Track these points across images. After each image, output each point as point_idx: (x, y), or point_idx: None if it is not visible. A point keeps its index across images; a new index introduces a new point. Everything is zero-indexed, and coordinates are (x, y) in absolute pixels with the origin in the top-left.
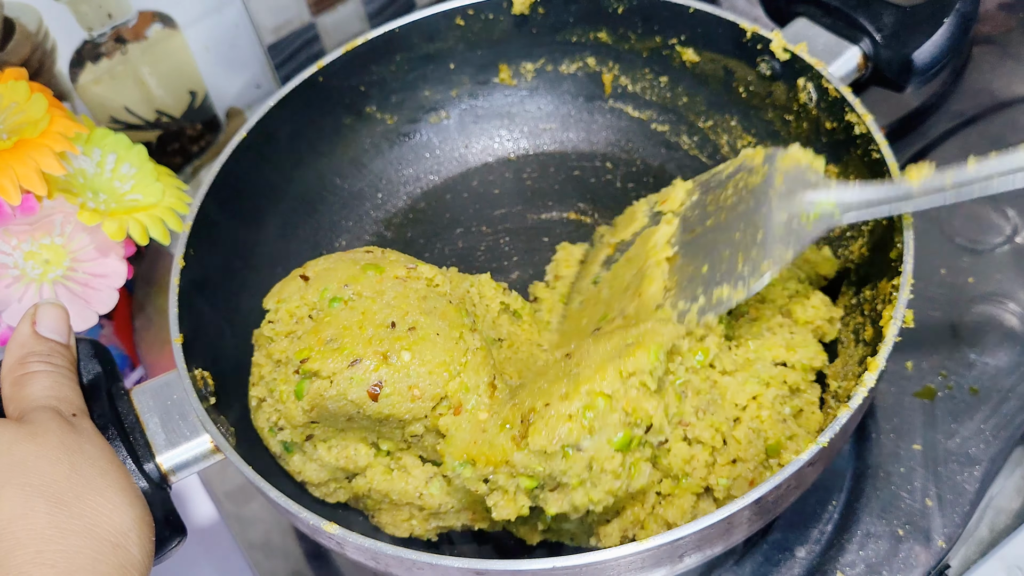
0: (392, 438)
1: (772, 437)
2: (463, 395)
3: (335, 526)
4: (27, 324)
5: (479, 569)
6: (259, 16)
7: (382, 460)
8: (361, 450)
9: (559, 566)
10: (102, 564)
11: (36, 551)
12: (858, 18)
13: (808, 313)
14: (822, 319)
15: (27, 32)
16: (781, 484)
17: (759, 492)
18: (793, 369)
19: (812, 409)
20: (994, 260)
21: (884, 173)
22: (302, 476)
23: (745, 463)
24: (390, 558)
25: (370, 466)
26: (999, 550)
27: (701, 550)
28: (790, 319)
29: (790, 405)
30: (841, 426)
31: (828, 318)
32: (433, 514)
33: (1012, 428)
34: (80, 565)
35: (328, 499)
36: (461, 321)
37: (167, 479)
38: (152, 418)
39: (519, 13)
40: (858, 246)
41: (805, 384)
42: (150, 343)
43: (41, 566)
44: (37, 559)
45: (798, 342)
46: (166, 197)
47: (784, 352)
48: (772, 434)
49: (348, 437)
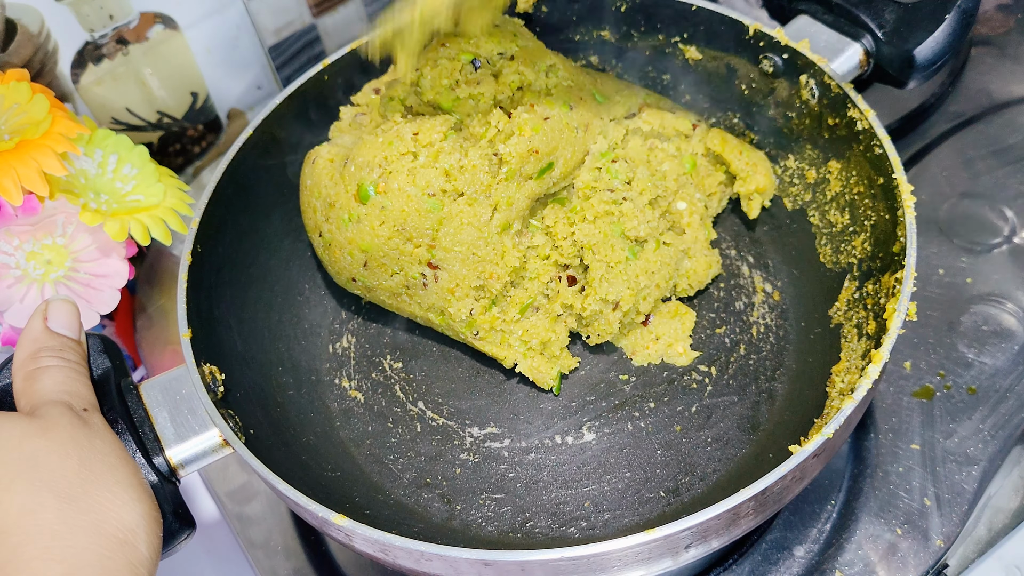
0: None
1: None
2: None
3: (344, 518)
4: (38, 319)
5: (488, 560)
6: (260, 17)
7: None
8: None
9: (565, 557)
10: (109, 561)
11: (44, 547)
12: (859, 15)
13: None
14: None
15: (29, 33)
16: (786, 475)
17: (763, 484)
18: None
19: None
20: (992, 260)
21: (887, 168)
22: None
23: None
24: (399, 549)
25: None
26: (997, 549)
27: (705, 541)
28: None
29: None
30: (846, 417)
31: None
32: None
33: (1010, 428)
34: (87, 562)
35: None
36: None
37: (176, 473)
38: (161, 412)
39: (522, 11)
40: (860, 242)
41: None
42: (152, 343)
43: (49, 562)
44: (45, 555)
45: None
46: (167, 198)
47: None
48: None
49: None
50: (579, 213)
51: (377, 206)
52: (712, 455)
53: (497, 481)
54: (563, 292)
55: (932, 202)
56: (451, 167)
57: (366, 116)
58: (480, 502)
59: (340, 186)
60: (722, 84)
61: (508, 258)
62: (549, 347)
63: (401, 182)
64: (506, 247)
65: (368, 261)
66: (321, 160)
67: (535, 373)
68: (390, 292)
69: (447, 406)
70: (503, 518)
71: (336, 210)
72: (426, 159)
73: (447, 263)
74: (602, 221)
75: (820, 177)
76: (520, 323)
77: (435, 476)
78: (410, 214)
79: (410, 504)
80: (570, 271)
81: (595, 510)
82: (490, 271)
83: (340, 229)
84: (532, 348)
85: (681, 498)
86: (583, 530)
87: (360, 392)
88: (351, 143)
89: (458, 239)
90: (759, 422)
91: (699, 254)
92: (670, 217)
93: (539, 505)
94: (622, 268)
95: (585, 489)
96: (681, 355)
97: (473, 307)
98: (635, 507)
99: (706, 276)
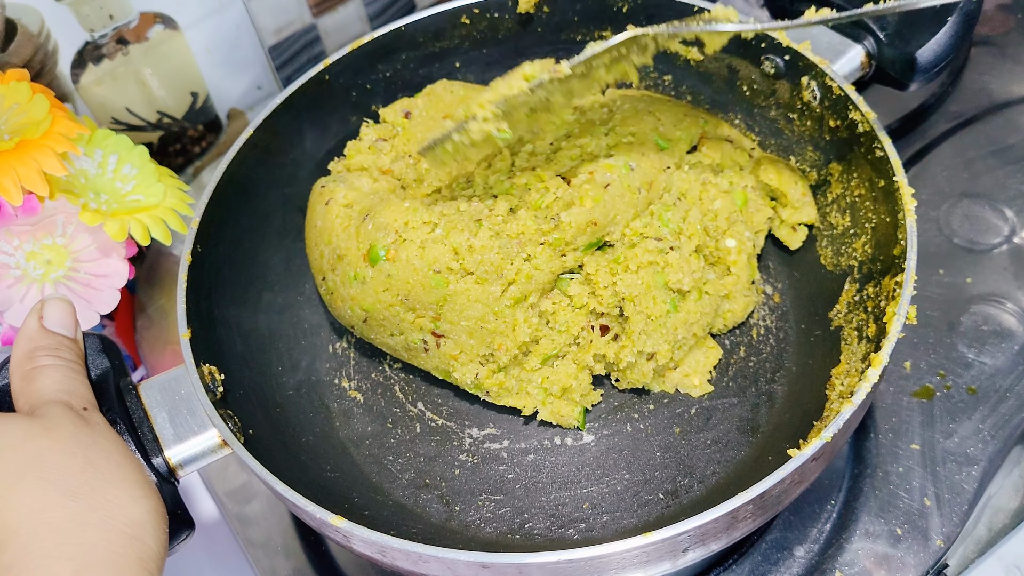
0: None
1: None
2: None
3: (342, 519)
4: (34, 318)
5: (485, 562)
6: (260, 17)
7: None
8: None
9: (563, 559)
10: (120, 557)
11: (55, 544)
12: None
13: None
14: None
15: (29, 33)
16: (784, 479)
17: (762, 487)
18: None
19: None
20: (992, 260)
21: (888, 171)
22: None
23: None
24: (396, 551)
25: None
26: (997, 549)
27: (704, 544)
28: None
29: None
30: (844, 421)
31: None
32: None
33: (1010, 427)
34: (99, 558)
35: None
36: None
37: (175, 473)
38: (160, 412)
39: (524, 12)
40: (861, 244)
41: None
42: (151, 343)
43: (60, 559)
44: (55, 552)
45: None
46: (167, 198)
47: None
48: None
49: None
50: (622, 263)
51: (383, 272)
52: (711, 457)
53: (496, 482)
54: (596, 342)
55: (932, 202)
56: (459, 246)
57: (387, 143)
58: (479, 503)
59: (353, 241)
60: (724, 85)
61: (519, 332)
62: (570, 392)
63: (410, 254)
64: (517, 320)
65: (369, 319)
66: (336, 205)
67: (557, 418)
68: (390, 348)
69: (446, 407)
70: (502, 519)
71: (344, 264)
72: (443, 231)
73: (452, 333)
74: (646, 271)
75: (821, 179)
76: (540, 371)
77: (434, 477)
78: (414, 287)
79: (409, 505)
80: (603, 320)
81: (594, 512)
82: (499, 342)
83: (344, 284)
84: (552, 394)
85: (680, 500)
86: (582, 532)
87: (360, 392)
88: (367, 188)
89: (464, 314)
90: (758, 424)
91: (739, 295)
92: (716, 253)
93: (538, 506)
94: (662, 321)
95: (584, 491)
96: (696, 387)
97: (479, 371)
98: (634, 509)
99: (743, 316)
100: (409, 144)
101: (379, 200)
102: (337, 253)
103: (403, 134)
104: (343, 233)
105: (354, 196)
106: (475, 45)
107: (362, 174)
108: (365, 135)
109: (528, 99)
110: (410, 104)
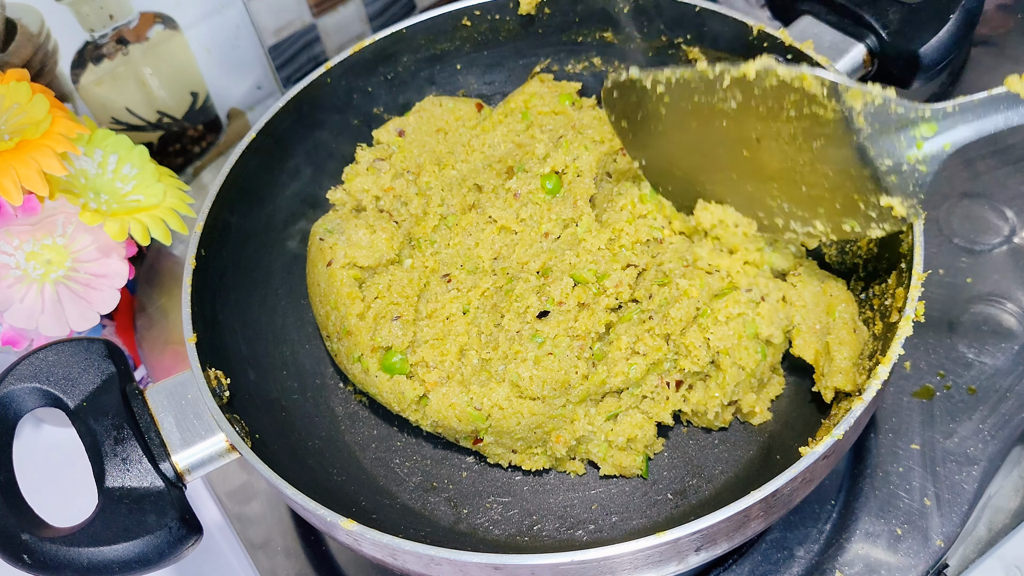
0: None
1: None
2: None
3: (353, 522)
4: None
5: (497, 563)
6: (260, 18)
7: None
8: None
9: (575, 560)
10: None
11: None
12: (864, 15)
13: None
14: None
15: (29, 33)
16: (796, 477)
17: (774, 485)
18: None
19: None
20: (992, 260)
21: None
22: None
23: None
24: (408, 554)
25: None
26: (997, 549)
27: (714, 545)
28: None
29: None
30: (855, 418)
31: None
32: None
33: (1010, 427)
34: None
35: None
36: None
37: (183, 478)
38: (167, 417)
39: (525, 13)
40: (866, 242)
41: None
42: (152, 343)
43: None
44: None
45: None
46: (167, 198)
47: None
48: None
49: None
50: (711, 315)
51: (413, 391)
52: (719, 457)
53: (503, 484)
54: (672, 398)
55: (932, 202)
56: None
57: (385, 163)
58: (487, 505)
59: (363, 323)
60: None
61: (578, 427)
62: (635, 442)
63: (451, 391)
64: (578, 416)
65: (374, 401)
66: (338, 268)
67: (620, 469)
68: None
69: None
70: (510, 521)
71: (351, 342)
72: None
73: (493, 437)
74: (735, 323)
75: None
76: (603, 427)
77: (441, 480)
78: (451, 420)
79: (416, 508)
80: (677, 375)
81: (602, 513)
82: (557, 435)
83: (349, 360)
84: (617, 446)
85: (689, 500)
86: (591, 533)
87: (364, 396)
88: (366, 241)
89: (512, 431)
90: (766, 423)
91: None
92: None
93: (546, 508)
94: (752, 370)
95: (592, 492)
96: (757, 415)
97: (512, 458)
98: (643, 509)
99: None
100: (407, 161)
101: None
102: (344, 327)
103: (400, 152)
104: (348, 301)
105: (355, 254)
106: (476, 47)
107: (359, 223)
108: (362, 158)
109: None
110: (402, 123)
